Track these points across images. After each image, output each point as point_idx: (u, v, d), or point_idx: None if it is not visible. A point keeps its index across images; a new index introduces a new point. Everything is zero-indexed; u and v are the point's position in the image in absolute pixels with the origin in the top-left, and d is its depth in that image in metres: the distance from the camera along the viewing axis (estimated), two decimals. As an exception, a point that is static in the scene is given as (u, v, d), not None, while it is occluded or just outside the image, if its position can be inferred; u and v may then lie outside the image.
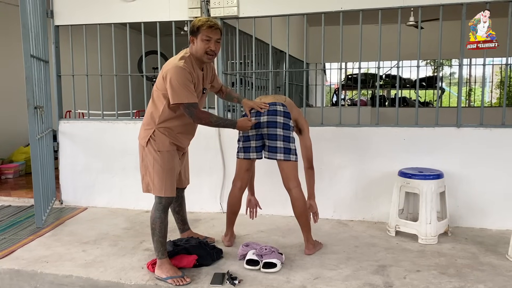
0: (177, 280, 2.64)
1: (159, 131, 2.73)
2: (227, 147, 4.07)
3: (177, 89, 2.59)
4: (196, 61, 2.74)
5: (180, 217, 3.33)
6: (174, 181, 2.80)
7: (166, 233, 2.79)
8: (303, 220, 3.08)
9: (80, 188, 4.41)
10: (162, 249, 2.74)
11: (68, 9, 4.29)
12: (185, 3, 3.99)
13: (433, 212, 3.28)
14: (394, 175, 3.55)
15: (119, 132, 4.30)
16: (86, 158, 4.37)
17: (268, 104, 3.02)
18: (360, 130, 3.83)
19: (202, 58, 2.72)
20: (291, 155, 3.01)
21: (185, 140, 2.93)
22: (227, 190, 4.08)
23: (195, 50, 2.71)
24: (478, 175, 3.60)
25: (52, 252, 3.17)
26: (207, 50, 2.68)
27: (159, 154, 2.72)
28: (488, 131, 3.57)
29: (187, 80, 2.61)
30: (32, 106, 3.49)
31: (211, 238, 3.37)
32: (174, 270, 2.71)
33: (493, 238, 3.40)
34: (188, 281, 2.65)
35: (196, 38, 2.68)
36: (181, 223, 3.34)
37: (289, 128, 3.01)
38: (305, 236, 3.11)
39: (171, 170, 2.76)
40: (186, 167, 3.18)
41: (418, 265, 2.87)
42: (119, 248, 3.25)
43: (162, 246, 2.74)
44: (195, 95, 2.67)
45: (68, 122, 4.43)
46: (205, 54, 2.69)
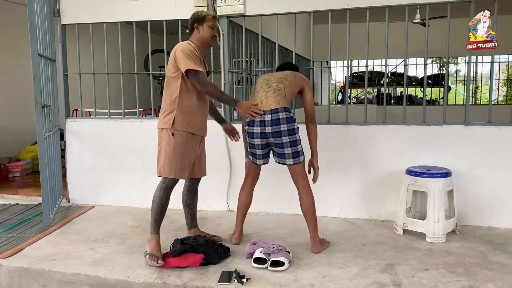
0: (152, 258, 2.86)
1: (179, 113, 2.94)
2: (233, 146, 4.06)
3: (186, 58, 2.84)
4: (199, 47, 3.01)
5: (190, 212, 3.36)
6: (184, 165, 2.99)
7: (163, 213, 2.99)
8: (310, 217, 3.09)
9: (87, 186, 4.42)
10: (154, 225, 2.98)
11: (75, 8, 4.30)
12: (191, 2, 3.99)
13: (441, 211, 3.26)
14: (402, 174, 3.54)
15: (125, 131, 4.31)
16: (93, 156, 4.39)
17: (270, 110, 3.00)
18: (368, 128, 3.82)
19: (209, 42, 3.03)
20: (300, 156, 3.05)
21: (201, 121, 3.07)
22: (233, 188, 4.11)
23: (201, 36, 3.00)
24: (487, 174, 3.57)
25: (60, 250, 3.19)
26: (213, 36, 3.02)
27: (172, 138, 2.93)
28: (496, 129, 3.55)
29: (193, 53, 2.89)
30: (40, 105, 3.50)
31: (218, 236, 3.37)
32: (156, 249, 2.91)
33: (502, 236, 3.38)
34: (160, 263, 2.83)
35: (202, 26, 2.98)
36: (190, 218, 3.37)
37: (294, 133, 3.02)
38: (312, 234, 3.11)
39: (182, 154, 2.95)
40: (202, 156, 3.26)
41: (426, 264, 2.86)
42: (126, 246, 3.26)
43: (155, 222, 2.98)
44: (202, 67, 2.90)
45: (75, 121, 4.45)
46: (211, 39, 3.02)
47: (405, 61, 4.09)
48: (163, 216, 3.00)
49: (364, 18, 3.75)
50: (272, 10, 3.91)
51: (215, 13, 3.08)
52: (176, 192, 3.42)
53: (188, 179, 3.28)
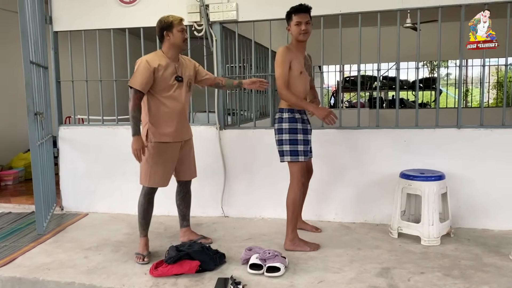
0: (138, 257, 3.06)
1: (150, 125, 3.09)
2: (227, 151, 4.07)
3: (134, 72, 3.02)
4: (170, 52, 3.09)
5: (181, 212, 3.44)
6: (161, 174, 3.12)
7: (146, 217, 3.17)
8: (286, 214, 3.24)
9: (80, 193, 4.39)
10: (141, 229, 3.18)
11: (67, 15, 4.29)
12: (184, 8, 3.99)
13: (436, 214, 3.28)
14: (396, 177, 3.56)
15: (119, 137, 4.28)
16: (86, 163, 4.36)
17: None
18: (361, 132, 3.83)
19: (181, 46, 3.11)
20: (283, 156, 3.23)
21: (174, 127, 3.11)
22: (228, 194, 4.10)
23: (172, 42, 3.07)
24: (480, 176, 3.60)
25: (53, 259, 3.16)
26: (184, 39, 3.09)
27: (149, 148, 3.07)
28: (488, 132, 3.57)
29: (143, 68, 2.99)
30: (32, 113, 3.47)
31: (208, 238, 3.43)
32: (143, 249, 3.11)
33: (496, 238, 3.40)
34: (146, 260, 3.02)
35: (172, 32, 3.05)
36: (181, 218, 3.46)
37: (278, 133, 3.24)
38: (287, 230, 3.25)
39: (156, 164, 3.09)
40: (187, 159, 3.30)
41: (422, 267, 2.87)
42: (121, 254, 3.24)
43: (141, 226, 3.18)
44: (144, 83, 2.98)
45: (68, 128, 4.42)
46: (183, 43, 3.09)
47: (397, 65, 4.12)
48: (147, 220, 3.19)
49: (356, 23, 3.78)
50: (264, 16, 3.93)
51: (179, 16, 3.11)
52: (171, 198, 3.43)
53: (177, 182, 3.36)
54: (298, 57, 3.20)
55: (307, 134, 3.26)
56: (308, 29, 3.15)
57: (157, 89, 3.06)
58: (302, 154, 3.19)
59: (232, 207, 4.13)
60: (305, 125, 3.27)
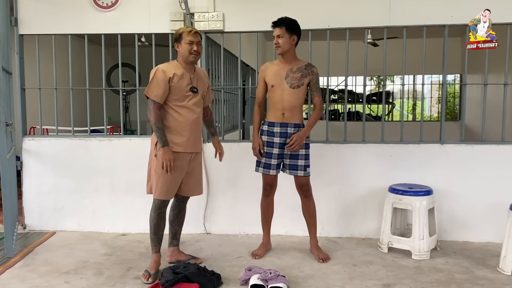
0: (144, 275, 2.94)
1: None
2: (210, 165, 3.91)
3: (150, 82, 2.93)
4: (184, 63, 3.03)
5: (172, 229, 3.28)
6: (169, 185, 2.98)
7: (158, 232, 3.03)
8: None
9: (46, 211, 4.04)
10: (152, 245, 3.06)
11: (35, 17, 3.97)
12: (166, 16, 3.83)
13: (426, 228, 3.33)
14: (382, 191, 3.59)
15: (91, 150, 4.01)
16: (54, 178, 4.02)
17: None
18: (347, 147, 3.84)
19: (189, 58, 3.00)
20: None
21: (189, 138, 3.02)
22: (211, 210, 3.96)
23: (181, 54, 3.02)
24: (461, 190, 3.71)
25: (29, 286, 2.85)
26: (191, 51, 2.99)
27: (155, 159, 2.98)
28: (469, 147, 3.71)
29: (159, 77, 2.92)
30: (3, 123, 3.15)
31: (198, 258, 3.27)
32: (151, 267, 2.98)
33: (478, 251, 3.51)
34: (150, 281, 2.88)
35: (181, 44, 3.00)
36: (171, 236, 3.29)
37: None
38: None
39: (164, 175, 2.94)
40: (192, 174, 3.15)
41: (420, 282, 2.89)
42: (106, 277, 2.99)
43: (152, 242, 3.05)
44: (161, 94, 2.91)
45: (34, 139, 4.06)
46: (190, 54, 2.99)
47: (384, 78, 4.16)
48: (159, 236, 3.05)
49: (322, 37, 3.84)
50: (251, 27, 3.86)
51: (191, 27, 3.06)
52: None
53: (175, 197, 3.17)
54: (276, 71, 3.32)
55: (271, 147, 3.27)
56: (279, 42, 3.20)
57: (171, 98, 2.97)
58: (262, 166, 3.29)
59: (214, 223, 3.98)
60: (271, 138, 3.27)
